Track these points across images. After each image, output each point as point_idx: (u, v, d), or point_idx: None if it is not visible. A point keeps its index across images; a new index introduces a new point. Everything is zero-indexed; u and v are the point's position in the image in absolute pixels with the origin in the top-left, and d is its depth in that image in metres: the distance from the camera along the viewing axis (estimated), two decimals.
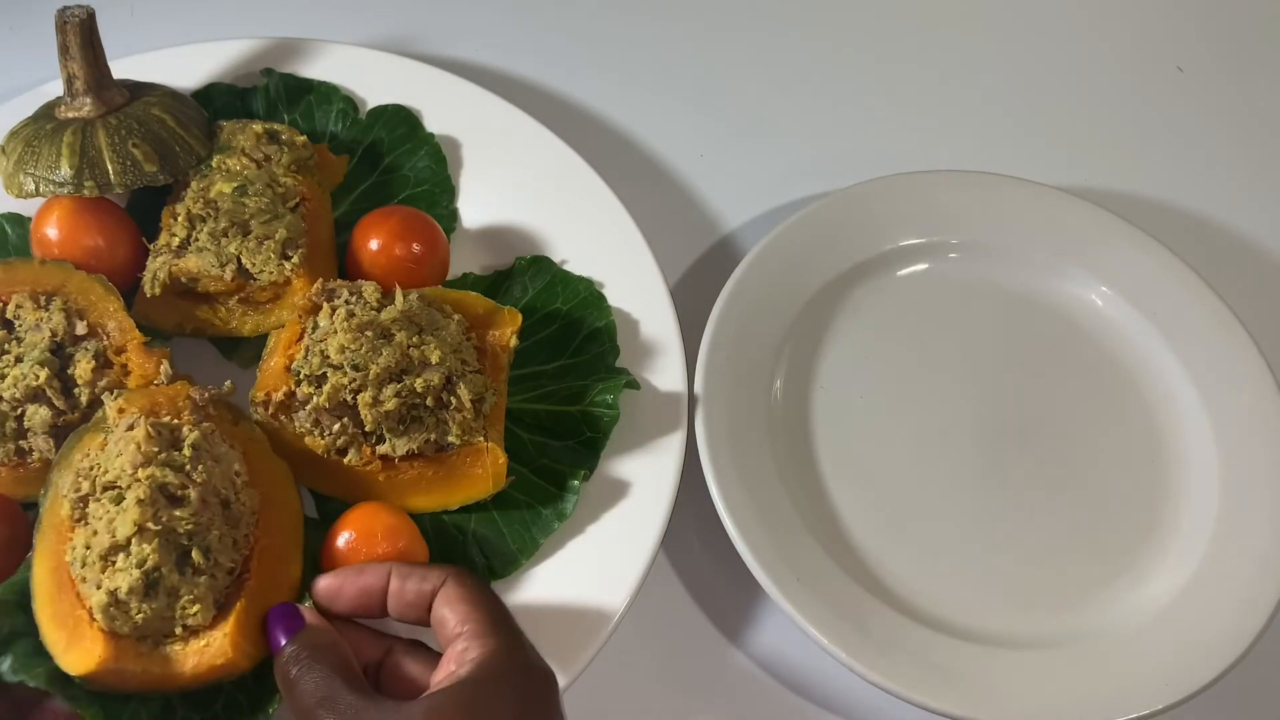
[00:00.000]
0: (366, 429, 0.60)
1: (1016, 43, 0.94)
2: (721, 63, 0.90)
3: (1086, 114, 0.90)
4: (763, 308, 0.71)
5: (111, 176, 0.66)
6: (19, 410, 0.60)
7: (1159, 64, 0.94)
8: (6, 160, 0.68)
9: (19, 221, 0.70)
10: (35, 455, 0.60)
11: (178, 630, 0.52)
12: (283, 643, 0.51)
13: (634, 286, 0.70)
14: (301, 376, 0.60)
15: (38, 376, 0.59)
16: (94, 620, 0.51)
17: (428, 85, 0.78)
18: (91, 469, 0.55)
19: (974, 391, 0.72)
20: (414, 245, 0.68)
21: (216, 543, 0.53)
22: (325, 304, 0.62)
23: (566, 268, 0.71)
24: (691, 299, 0.74)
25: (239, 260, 0.65)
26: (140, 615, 0.51)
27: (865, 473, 0.68)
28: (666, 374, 0.67)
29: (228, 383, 0.59)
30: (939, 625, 0.63)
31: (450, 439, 0.61)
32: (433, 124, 0.77)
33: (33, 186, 0.66)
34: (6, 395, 0.59)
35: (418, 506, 0.62)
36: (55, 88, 0.71)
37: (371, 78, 0.79)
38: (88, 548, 0.52)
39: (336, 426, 0.60)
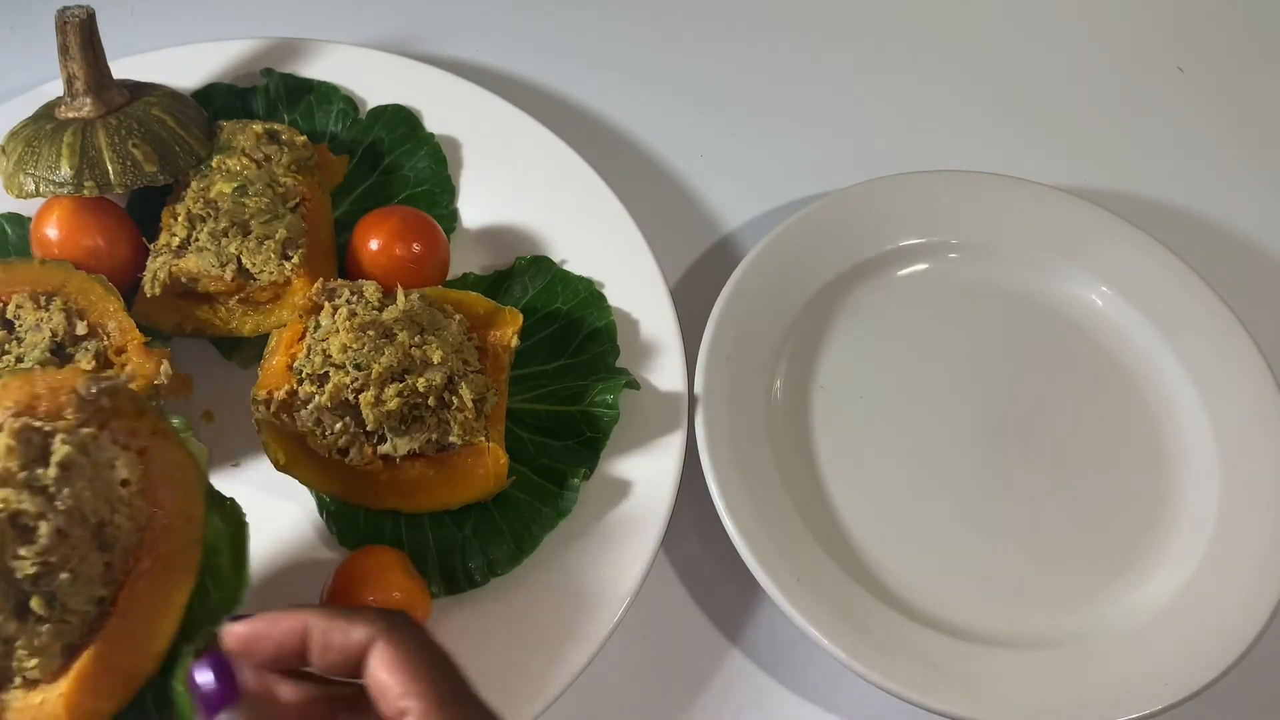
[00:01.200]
0: (368, 428, 0.60)
1: (1017, 43, 0.94)
2: (721, 63, 0.90)
3: (1086, 114, 0.90)
4: (763, 308, 0.71)
5: (111, 176, 0.66)
6: None
7: (1159, 64, 0.94)
8: (6, 160, 0.68)
9: (19, 221, 0.70)
10: None
11: (17, 680, 0.43)
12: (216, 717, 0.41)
13: (634, 286, 0.70)
14: (304, 375, 0.60)
15: None
16: None
17: (428, 85, 0.79)
18: None
19: (974, 392, 0.72)
20: (414, 245, 0.68)
21: (68, 585, 0.44)
22: (326, 303, 0.62)
23: (566, 268, 0.71)
24: (691, 299, 0.74)
25: (239, 260, 0.65)
26: None
27: (865, 473, 0.68)
28: (666, 374, 0.67)
29: (126, 370, 0.51)
30: (939, 625, 0.63)
31: (451, 439, 0.61)
32: (433, 124, 0.77)
33: (33, 186, 0.66)
34: None
35: (419, 506, 0.62)
36: (55, 88, 0.71)
37: (371, 78, 0.79)
38: None
39: (338, 426, 0.60)
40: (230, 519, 0.50)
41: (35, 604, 0.43)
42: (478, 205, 0.75)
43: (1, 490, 0.43)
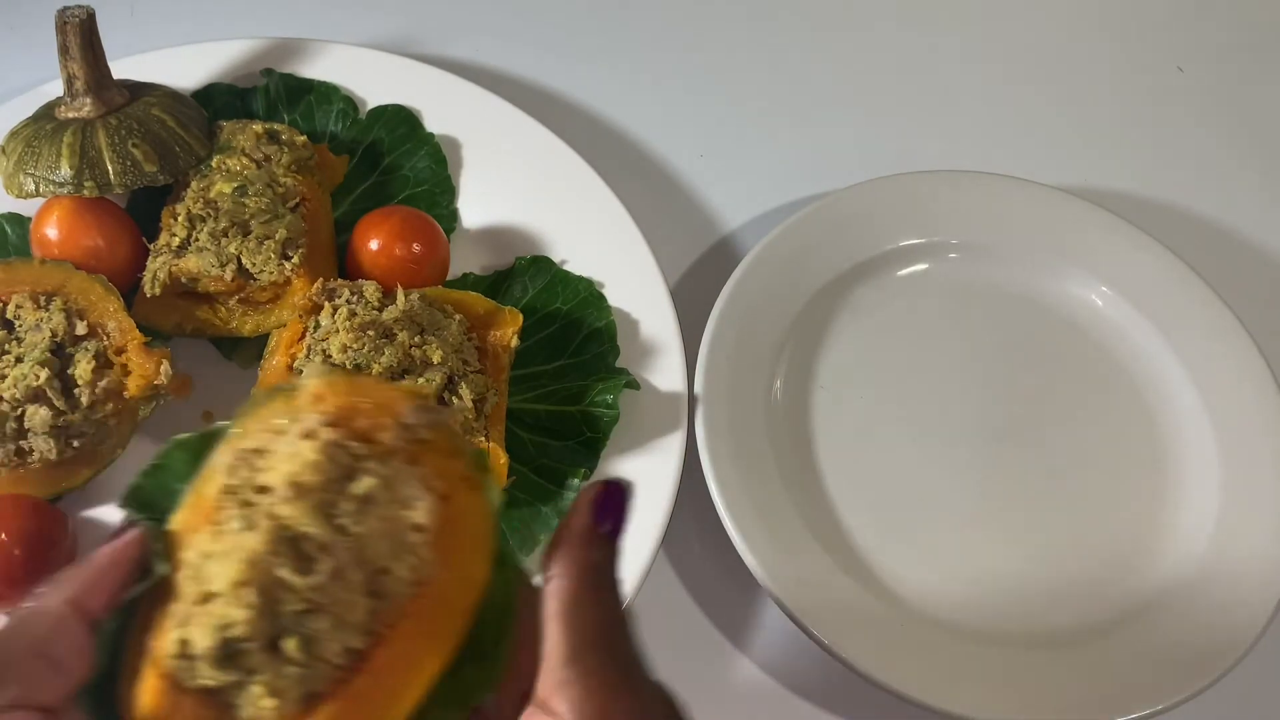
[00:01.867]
0: None
1: (1017, 43, 0.94)
2: (722, 63, 0.90)
3: (1086, 114, 0.90)
4: (763, 308, 0.71)
5: (111, 176, 0.66)
6: (19, 411, 0.60)
7: (1159, 64, 0.94)
8: (6, 160, 0.68)
9: (19, 221, 0.70)
10: (35, 456, 0.60)
11: (247, 713, 0.39)
12: (605, 527, 0.38)
13: (634, 286, 0.70)
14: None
15: (38, 377, 0.59)
16: (159, 659, 0.38)
17: (428, 85, 0.78)
18: (255, 452, 0.40)
19: (974, 391, 0.72)
20: (414, 245, 0.68)
21: (330, 630, 0.38)
22: (326, 303, 0.62)
23: (566, 268, 0.71)
24: (691, 299, 0.74)
25: (239, 260, 0.65)
26: (206, 681, 0.38)
27: (865, 473, 0.68)
28: (666, 374, 0.67)
29: (458, 406, 0.46)
30: (939, 625, 0.63)
31: None
32: (433, 124, 0.77)
33: (33, 186, 0.66)
34: (7, 396, 0.59)
35: None
36: (55, 88, 0.71)
37: (371, 78, 0.79)
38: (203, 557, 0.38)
39: None
40: (507, 586, 0.42)
41: (290, 645, 0.37)
42: (478, 205, 0.75)
43: (296, 505, 0.37)
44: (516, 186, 0.75)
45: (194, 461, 0.41)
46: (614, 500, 0.39)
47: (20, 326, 0.62)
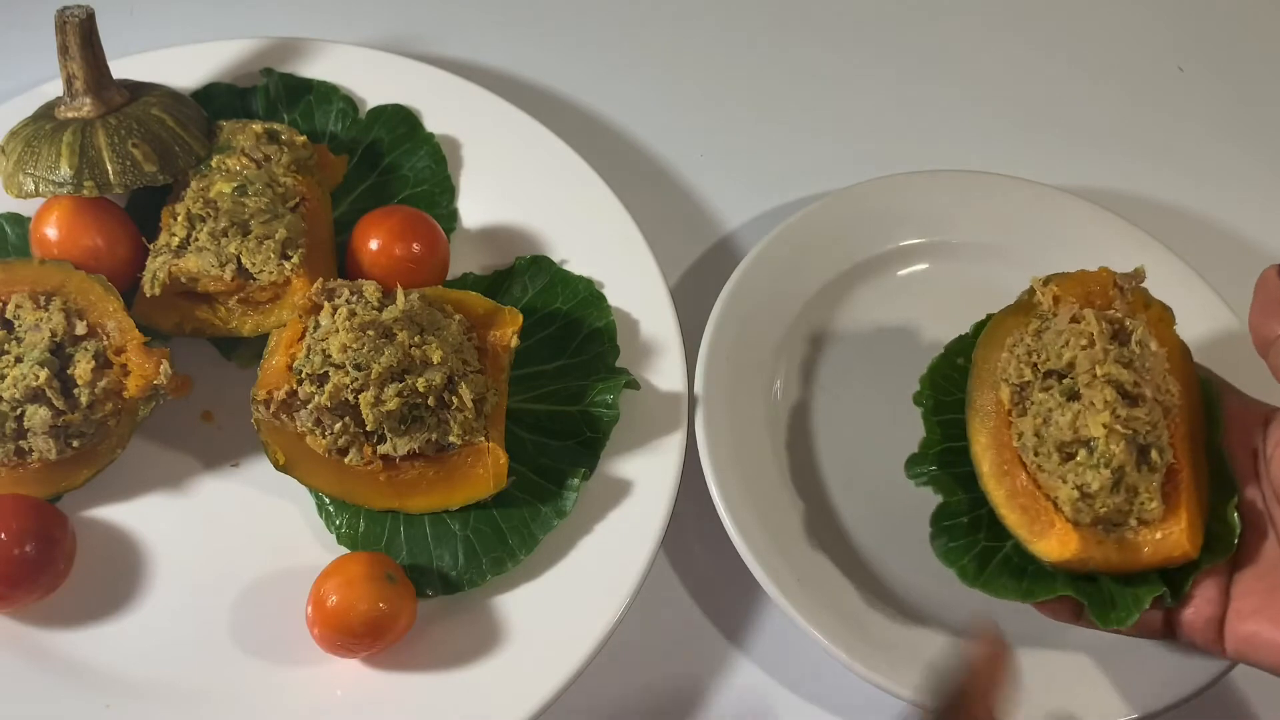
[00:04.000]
0: (368, 429, 0.60)
1: (1016, 42, 0.94)
2: (722, 62, 0.90)
3: (1086, 114, 0.90)
4: (763, 308, 0.71)
5: (111, 176, 0.66)
6: (19, 410, 0.60)
7: (1159, 64, 0.94)
8: (6, 160, 0.68)
9: (19, 221, 0.70)
10: (35, 455, 0.60)
11: (1131, 521, 0.54)
12: None
13: (634, 286, 0.70)
14: (303, 375, 0.60)
15: (37, 377, 0.59)
16: (1058, 510, 0.54)
17: (428, 85, 0.78)
18: (1030, 354, 0.57)
19: None
20: (414, 245, 0.68)
21: (1164, 441, 0.54)
22: (326, 303, 0.62)
23: (566, 268, 0.71)
24: (691, 299, 0.74)
25: (239, 260, 0.65)
26: (1103, 509, 0.53)
27: (865, 473, 0.68)
28: (666, 374, 0.67)
29: (1139, 267, 0.61)
30: (940, 626, 0.63)
31: (451, 439, 0.61)
32: (433, 124, 0.77)
33: (32, 186, 0.66)
34: (6, 395, 0.59)
35: (418, 506, 0.62)
36: (55, 88, 0.71)
37: (371, 78, 0.79)
38: (1037, 436, 0.55)
39: (338, 426, 0.60)
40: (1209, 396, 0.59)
41: (1154, 455, 0.54)
42: (478, 205, 0.75)
43: (1106, 366, 0.55)
44: (516, 186, 0.75)
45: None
46: None
47: (20, 326, 0.62)
